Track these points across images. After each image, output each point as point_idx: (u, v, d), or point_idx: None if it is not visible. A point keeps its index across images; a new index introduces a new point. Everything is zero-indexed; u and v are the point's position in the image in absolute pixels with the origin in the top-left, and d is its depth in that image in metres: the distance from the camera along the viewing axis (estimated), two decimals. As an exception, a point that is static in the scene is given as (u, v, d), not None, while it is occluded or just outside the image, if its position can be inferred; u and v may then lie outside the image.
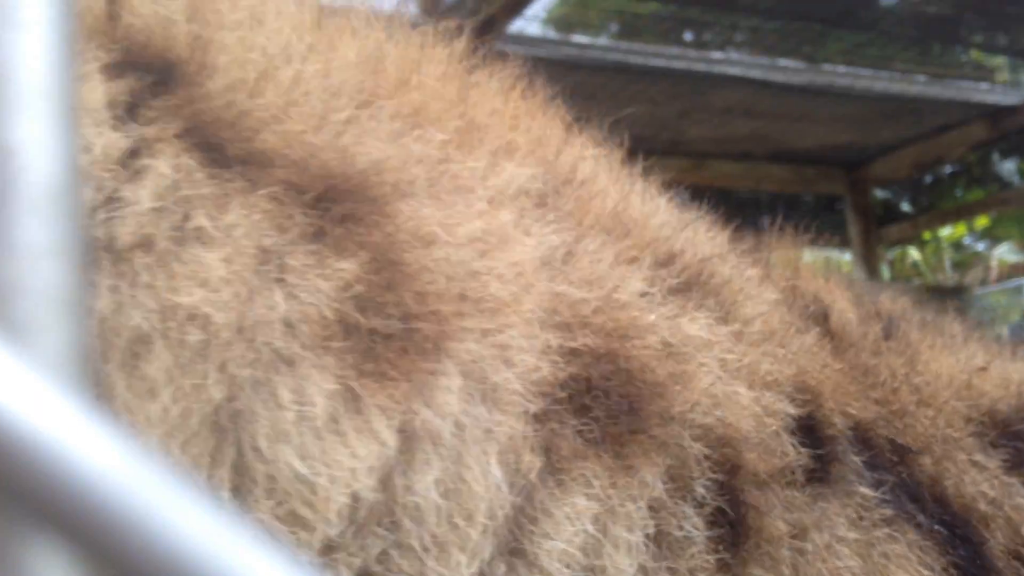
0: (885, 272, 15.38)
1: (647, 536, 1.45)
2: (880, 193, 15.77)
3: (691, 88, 12.97)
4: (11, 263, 0.46)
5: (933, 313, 2.65)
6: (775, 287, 2.16)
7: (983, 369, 2.23)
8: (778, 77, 13.12)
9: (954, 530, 1.95)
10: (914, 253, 15.97)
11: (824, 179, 15.01)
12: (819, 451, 1.81)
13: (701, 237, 2.05)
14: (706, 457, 1.61)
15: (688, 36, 13.42)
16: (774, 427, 1.72)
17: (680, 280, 1.83)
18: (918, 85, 11.11)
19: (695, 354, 1.68)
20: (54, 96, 0.49)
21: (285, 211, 1.06)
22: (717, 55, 13.07)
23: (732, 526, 1.60)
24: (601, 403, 1.49)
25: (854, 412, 1.98)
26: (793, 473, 1.77)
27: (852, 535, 1.78)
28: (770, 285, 2.11)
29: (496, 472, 1.10)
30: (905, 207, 15.03)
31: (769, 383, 1.79)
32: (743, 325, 1.87)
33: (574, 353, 1.54)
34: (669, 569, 1.51)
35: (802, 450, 1.78)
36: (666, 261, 1.85)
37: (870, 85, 12.52)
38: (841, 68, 13.12)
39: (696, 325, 1.74)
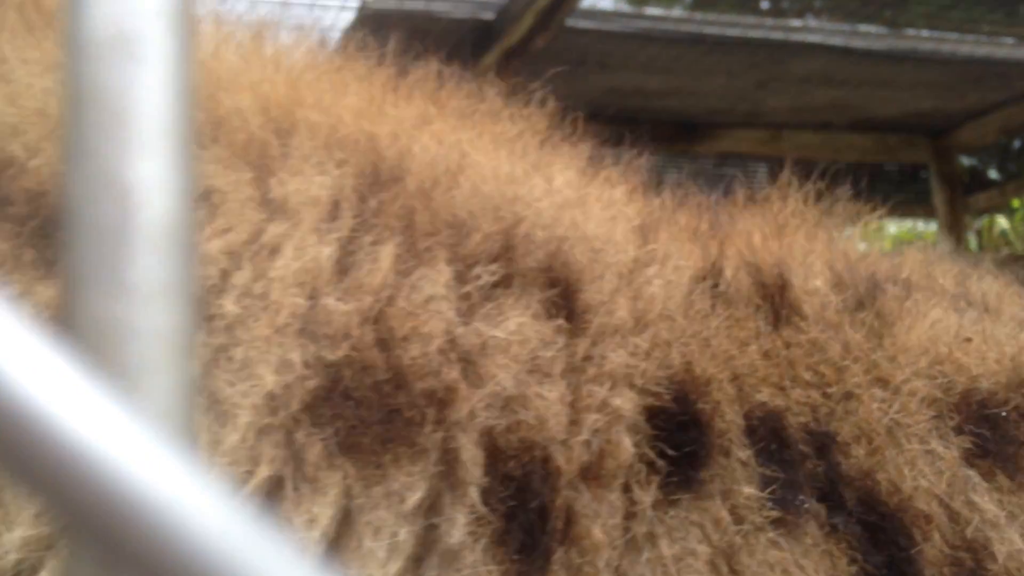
0: (972, 242, 14.62)
1: (399, 544, 1.33)
2: (966, 160, 14.96)
3: (769, 57, 12.47)
4: (124, 302, 0.45)
5: (960, 278, 2.34)
6: (691, 266, 1.93)
7: (967, 340, 1.94)
8: (859, 43, 12.52)
9: (879, 531, 1.69)
10: (1002, 222, 15.14)
11: (907, 147, 14.31)
12: (687, 449, 1.60)
13: (574, 218, 1.84)
14: (494, 461, 1.46)
15: (765, 4, 12.90)
16: (601, 425, 1.54)
17: (500, 276, 1.64)
18: (1005, 47, 10.47)
19: (493, 356, 1.50)
20: (172, 134, 0.47)
21: None
22: (795, 23, 12.52)
23: (532, 532, 1.43)
24: (355, 412, 1.38)
25: (762, 400, 1.74)
26: (639, 475, 1.57)
27: (716, 543, 1.56)
28: (676, 264, 1.87)
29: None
30: (992, 174, 14.25)
31: (614, 377, 1.59)
32: (585, 316, 1.67)
33: (329, 365, 1.40)
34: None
35: (648, 450, 1.57)
36: (491, 256, 1.66)
37: (955, 49, 11.84)
38: (924, 32, 12.45)
39: (502, 325, 1.55)
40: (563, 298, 1.70)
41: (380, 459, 1.41)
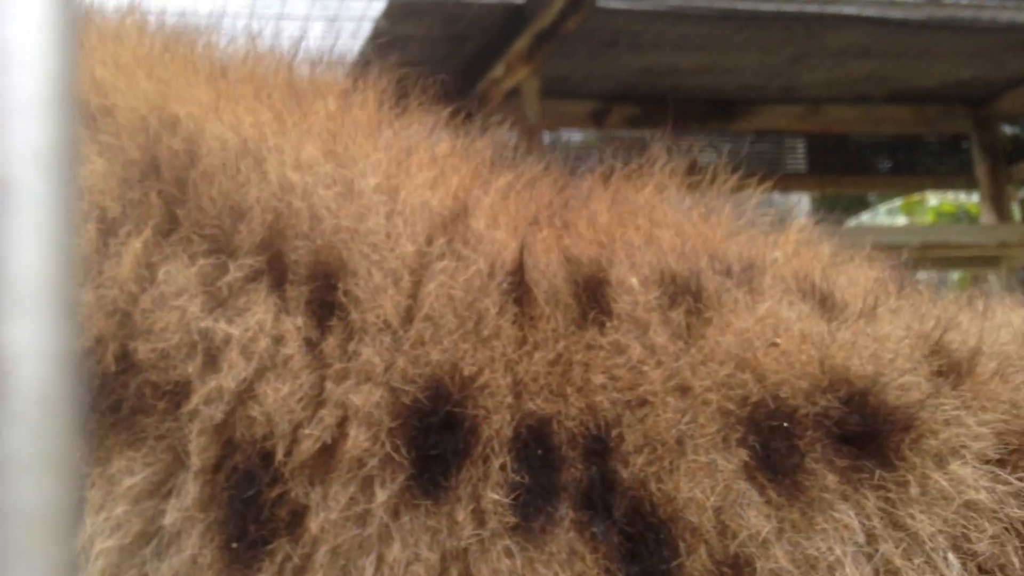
0: (1016, 213, 13.99)
1: (119, 522, 1.36)
2: (1009, 129, 14.30)
3: (804, 31, 12.09)
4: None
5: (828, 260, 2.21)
6: (490, 260, 1.83)
7: (774, 344, 1.83)
8: (896, 13, 12.05)
9: (642, 542, 1.60)
10: (1047, 191, 14.44)
11: (948, 118, 13.75)
12: (437, 452, 1.54)
13: (359, 209, 1.75)
14: (224, 452, 1.45)
15: (798, -23, 12.45)
16: (332, 420, 1.49)
17: (257, 269, 1.58)
18: (1047, 13, 9.87)
19: (230, 351, 1.46)
20: (48, 292, 0.43)
21: None
22: (830, -6, 12.07)
23: (248, 522, 1.42)
24: (88, 399, 1.43)
25: (535, 407, 1.66)
26: (380, 474, 1.51)
27: (450, 549, 1.49)
28: (469, 258, 1.78)
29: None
30: (1035, 143, 13.57)
31: (362, 374, 1.53)
32: (344, 312, 1.60)
33: (87, 354, 1.40)
34: (169, 567, 1.36)
35: (393, 450, 1.51)
36: (253, 247, 1.60)
37: (996, 15, 11.33)
38: (963, 0, 11.93)
39: (243, 319, 1.50)
40: (323, 293, 1.64)
41: (104, 443, 1.44)
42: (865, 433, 1.63)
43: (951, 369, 1.75)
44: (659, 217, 2.18)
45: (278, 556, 1.47)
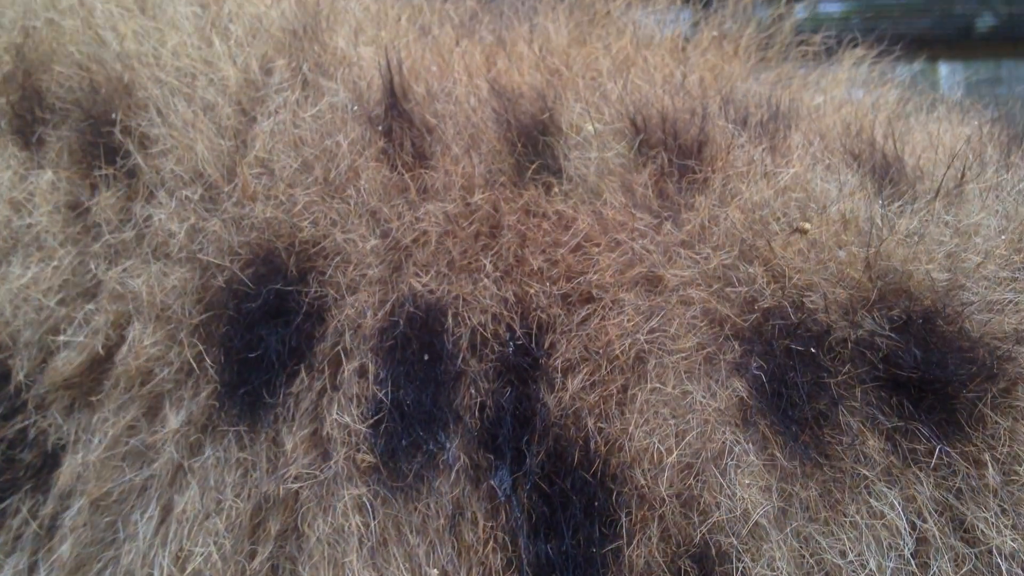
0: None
1: None
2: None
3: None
4: None
5: None
6: (345, 88, 1.19)
7: (800, 231, 1.20)
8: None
9: (565, 510, 1.00)
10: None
11: None
12: (259, 353, 0.99)
13: None
14: None
15: None
16: (103, 323, 1.08)
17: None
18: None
19: None
20: None
21: None
22: None
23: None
24: None
25: (419, 287, 1.05)
26: (166, 393, 0.99)
27: (266, 495, 0.93)
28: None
29: None
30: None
31: (158, 251, 0.98)
32: (131, 163, 1.00)
33: None
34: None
35: (189, 353, 0.97)
36: None
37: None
38: None
39: None
40: (95, 135, 1.08)
41: None
42: (928, 379, 1.00)
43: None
44: (648, 37, 1.49)
45: (14, 518, 0.92)
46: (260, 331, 0.99)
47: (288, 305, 1.01)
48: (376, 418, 0.97)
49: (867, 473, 0.95)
